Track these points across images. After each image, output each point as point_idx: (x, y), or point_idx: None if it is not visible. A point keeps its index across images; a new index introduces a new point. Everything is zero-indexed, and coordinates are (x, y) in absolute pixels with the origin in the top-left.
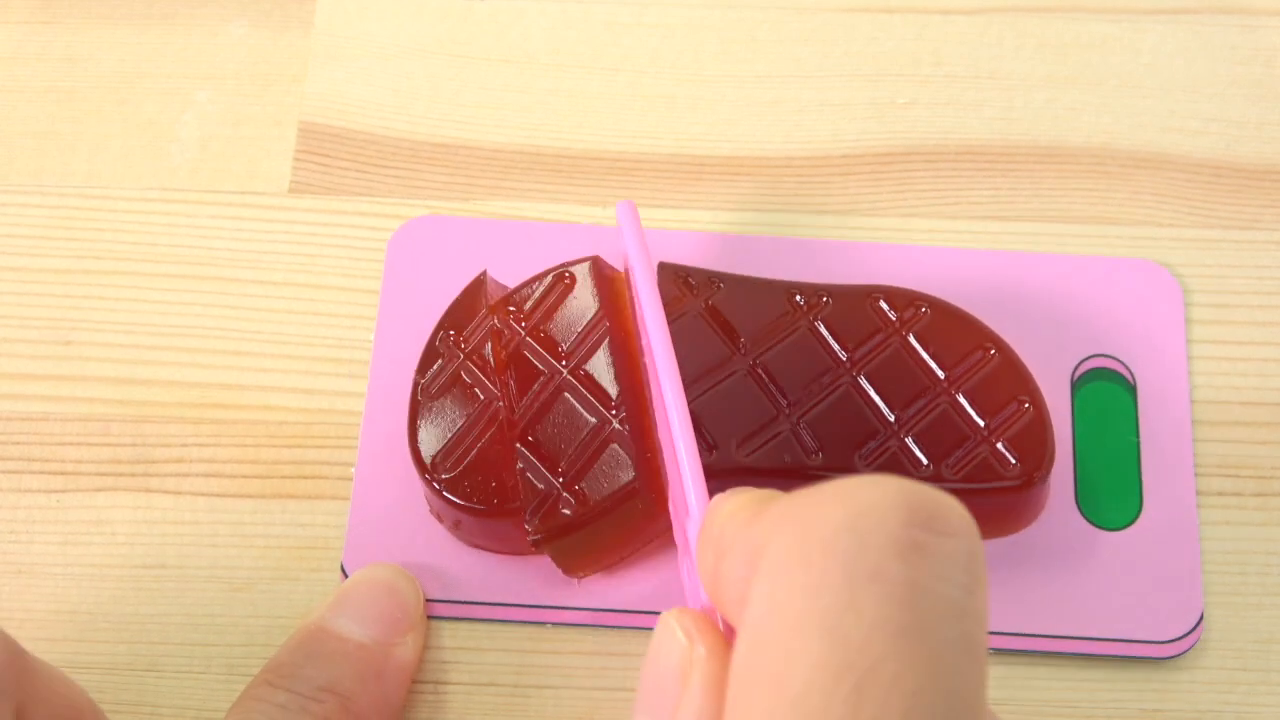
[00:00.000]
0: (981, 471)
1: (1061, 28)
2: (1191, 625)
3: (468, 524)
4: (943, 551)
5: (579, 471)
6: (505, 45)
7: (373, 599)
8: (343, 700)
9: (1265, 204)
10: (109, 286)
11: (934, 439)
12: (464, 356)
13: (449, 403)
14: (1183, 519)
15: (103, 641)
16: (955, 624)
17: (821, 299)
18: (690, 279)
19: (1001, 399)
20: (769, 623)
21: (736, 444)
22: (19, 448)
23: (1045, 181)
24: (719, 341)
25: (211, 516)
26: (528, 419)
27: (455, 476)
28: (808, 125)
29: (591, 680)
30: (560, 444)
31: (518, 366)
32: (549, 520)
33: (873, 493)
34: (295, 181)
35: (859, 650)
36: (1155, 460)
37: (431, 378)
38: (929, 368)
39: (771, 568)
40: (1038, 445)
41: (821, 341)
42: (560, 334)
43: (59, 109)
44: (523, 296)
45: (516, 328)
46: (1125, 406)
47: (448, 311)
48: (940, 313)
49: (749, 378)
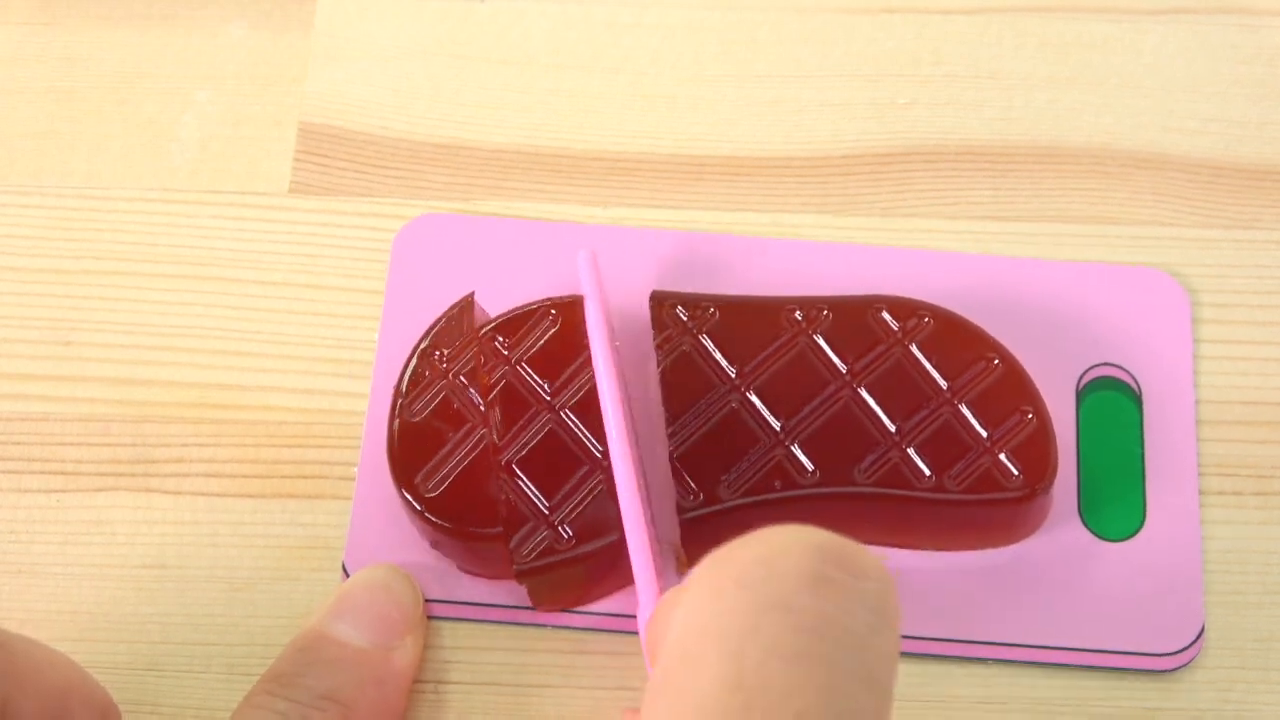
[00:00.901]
0: (984, 483)
1: (1061, 28)
2: (1192, 638)
3: (447, 545)
4: (852, 589)
5: (571, 509)
6: (505, 46)
7: (371, 602)
8: (343, 708)
9: (1265, 204)
10: (109, 286)
11: (936, 450)
12: (450, 379)
13: (433, 423)
14: (1185, 531)
15: (103, 641)
16: (855, 656)
17: (821, 313)
18: (682, 308)
19: (1005, 409)
20: (680, 642)
21: (726, 484)
22: (19, 448)
23: (1045, 181)
24: (709, 376)
25: (212, 516)
26: (516, 450)
27: (437, 498)
28: (808, 125)
29: (592, 680)
30: (550, 479)
31: (505, 396)
32: (537, 553)
33: (787, 536)
34: (295, 182)
35: (754, 669)
36: (1159, 471)
37: (415, 397)
38: (931, 378)
39: (688, 600)
40: (1041, 457)
41: (820, 356)
42: (550, 368)
43: (59, 109)
44: (512, 326)
45: (505, 357)
46: (1130, 416)
47: (434, 332)
48: (943, 322)
49: (741, 409)
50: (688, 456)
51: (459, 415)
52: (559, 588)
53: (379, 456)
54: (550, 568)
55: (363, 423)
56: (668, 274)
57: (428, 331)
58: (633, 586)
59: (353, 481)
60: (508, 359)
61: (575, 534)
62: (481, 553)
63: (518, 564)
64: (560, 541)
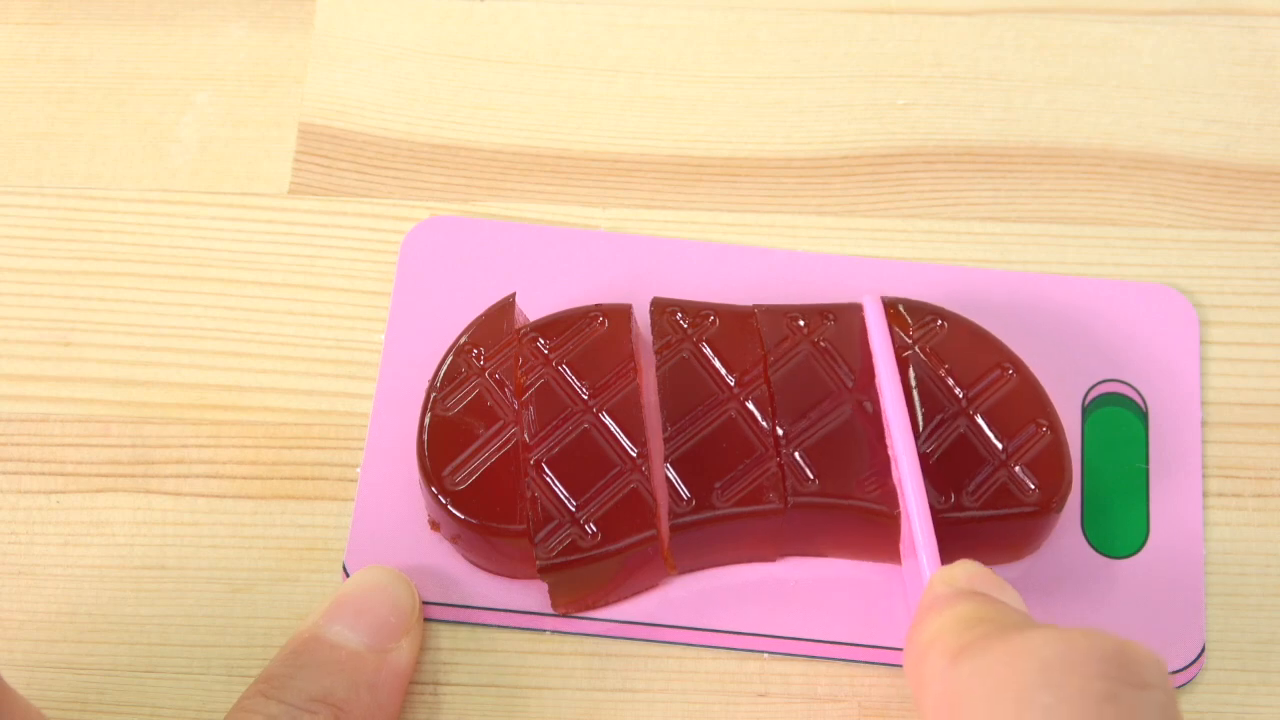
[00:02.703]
0: (1000, 498)
1: (1062, 28)
2: (1193, 658)
3: (468, 539)
4: (1137, 703)
5: (598, 508)
6: (505, 46)
7: (368, 605)
8: (335, 711)
9: (1265, 205)
10: (109, 287)
11: (951, 464)
12: (486, 376)
13: (466, 419)
14: (1188, 549)
15: (103, 642)
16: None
17: (826, 319)
18: (682, 314)
19: (1020, 421)
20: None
21: (719, 492)
22: (19, 448)
23: (1045, 182)
24: (707, 383)
25: (211, 518)
26: (547, 448)
27: (463, 491)
28: (808, 126)
29: (591, 681)
30: (579, 479)
31: (541, 396)
32: (561, 549)
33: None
34: (295, 183)
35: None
36: (1164, 488)
37: (449, 392)
38: (947, 386)
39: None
40: (1056, 470)
41: (825, 364)
42: (591, 371)
43: (59, 110)
44: (556, 328)
45: (546, 357)
46: (1136, 432)
47: (474, 329)
48: (957, 327)
49: (738, 418)
50: (682, 462)
51: (491, 413)
52: (580, 587)
53: (383, 457)
54: (572, 564)
55: (363, 423)
56: (670, 280)
57: (467, 329)
58: (650, 592)
59: (353, 483)
60: (548, 359)
61: (600, 532)
62: (503, 549)
63: (541, 559)
64: (585, 538)
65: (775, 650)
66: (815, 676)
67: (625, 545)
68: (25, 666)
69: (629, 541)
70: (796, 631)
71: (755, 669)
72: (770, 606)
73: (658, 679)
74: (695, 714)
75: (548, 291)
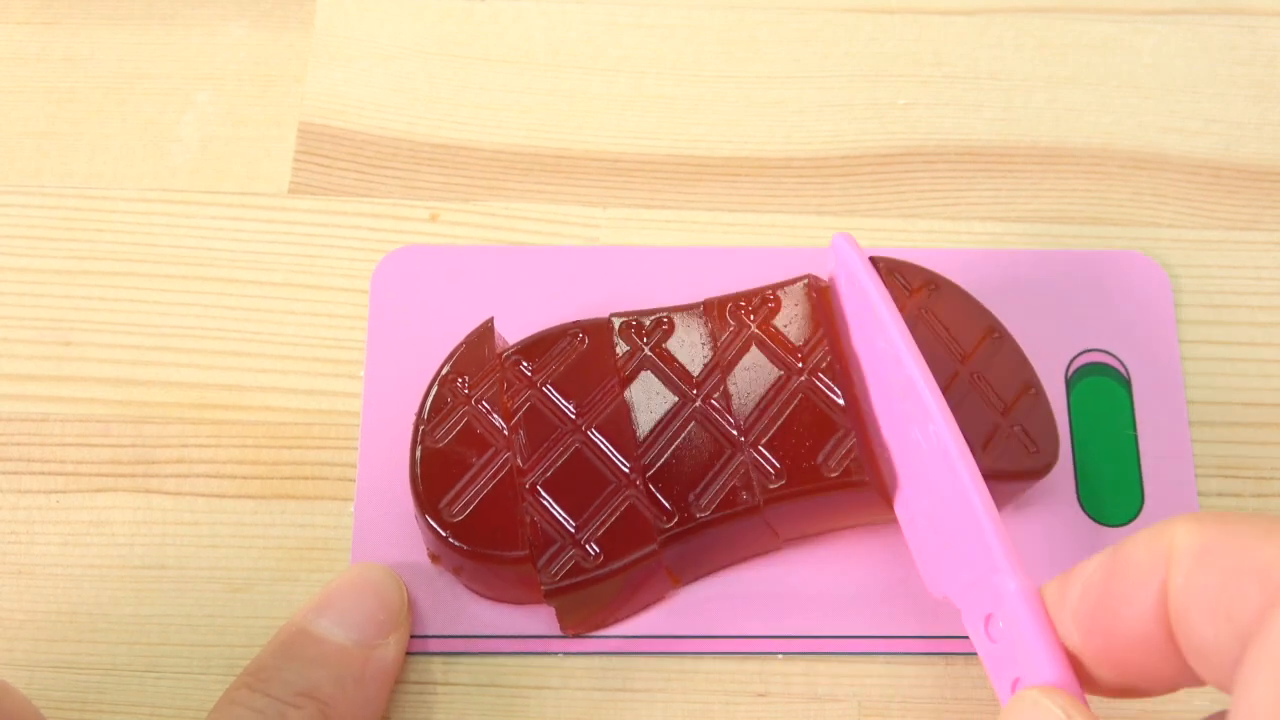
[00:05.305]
0: (1009, 459)
1: (1062, 28)
2: None
3: (470, 569)
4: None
5: (598, 527)
6: (505, 46)
7: (355, 600)
8: (321, 705)
9: (1265, 204)
10: (109, 287)
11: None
12: (473, 404)
13: (457, 449)
14: (1185, 513)
15: (103, 642)
16: None
17: (767, 301)
18: (637, 326)
19: (1014, 385)
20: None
21: (696, 501)
22: (19, 448)
23: (1045, 182)
24: (670, 392)
25: (211, 517)
26: (541, 471)
27: (462, 522)
28: (808, 126)
29: (591, 681)
30: (575, 499)
31: (530, 419)
32: (564, 572)
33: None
34: (295, 182)
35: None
36: (1155, 454)
37: (437, 423)
38: (949, 349)
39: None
40: (1049, 432)
41: (772, 349)
42: (575, 389)
43: (59, 109)
44: (536, 349)
45: (530, 380)
46: (1121, 401)
47: (456, 357)
48: (948, 290)
49: (703, 423)
50: (659, 476)
51: (482, 440)
52: (587, 607)
53: (377, 461)
54: (578, 586)
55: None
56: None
57: (448, 358)
58: (654, 608)
59: (352, 483)
60: (532, 382)
61: (603, 552)
62: (506, 576)
63: (546, 584)
64: (587, 559)
65: (785, 651)
66: (815, 676)
67: (628, 562)
68: (25, 666)
69: (632, 558)
70: (804, 631)
71: (755, 669)
72: (778, 609)
73: (658, 679)
74: (695, 714)
75: (522, 312)
